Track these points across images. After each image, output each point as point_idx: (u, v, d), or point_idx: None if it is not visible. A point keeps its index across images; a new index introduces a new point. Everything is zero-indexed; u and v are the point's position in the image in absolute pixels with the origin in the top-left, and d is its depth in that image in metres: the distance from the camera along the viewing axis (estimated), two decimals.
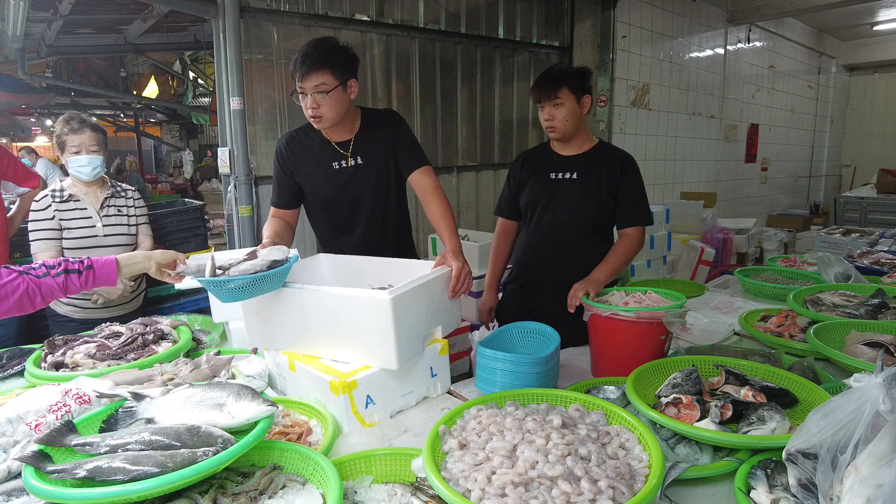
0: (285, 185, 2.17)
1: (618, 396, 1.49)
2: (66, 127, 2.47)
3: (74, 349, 1.79)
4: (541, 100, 2.16)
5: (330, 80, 1.92)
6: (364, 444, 1.40)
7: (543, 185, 2.28)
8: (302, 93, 1.96)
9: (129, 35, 6.37)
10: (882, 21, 8.66)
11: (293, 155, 2.15)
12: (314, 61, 1.90)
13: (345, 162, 2.13)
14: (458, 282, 1.72)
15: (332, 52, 1.94)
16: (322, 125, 2.02)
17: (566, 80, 2.13)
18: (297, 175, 2.16)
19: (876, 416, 0.97)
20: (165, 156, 15.91)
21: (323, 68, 1.90)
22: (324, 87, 1.92)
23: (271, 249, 1.60)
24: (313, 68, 1.90)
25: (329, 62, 1.91)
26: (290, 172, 2.16)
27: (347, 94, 2.00)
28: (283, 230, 2.08)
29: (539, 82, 2.18)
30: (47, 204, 2.48)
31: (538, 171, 2.30)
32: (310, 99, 1.94)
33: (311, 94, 1.93)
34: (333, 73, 1.92)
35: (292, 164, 2.15)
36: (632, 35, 5.77)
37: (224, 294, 1.50)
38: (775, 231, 6.21)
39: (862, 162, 10.70)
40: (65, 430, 1.11)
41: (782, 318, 2.09)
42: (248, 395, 1.17)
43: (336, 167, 2.13)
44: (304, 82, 1.92)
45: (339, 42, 2.00)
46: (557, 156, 2.29)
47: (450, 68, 4.82)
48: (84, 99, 10.30)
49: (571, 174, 2.23)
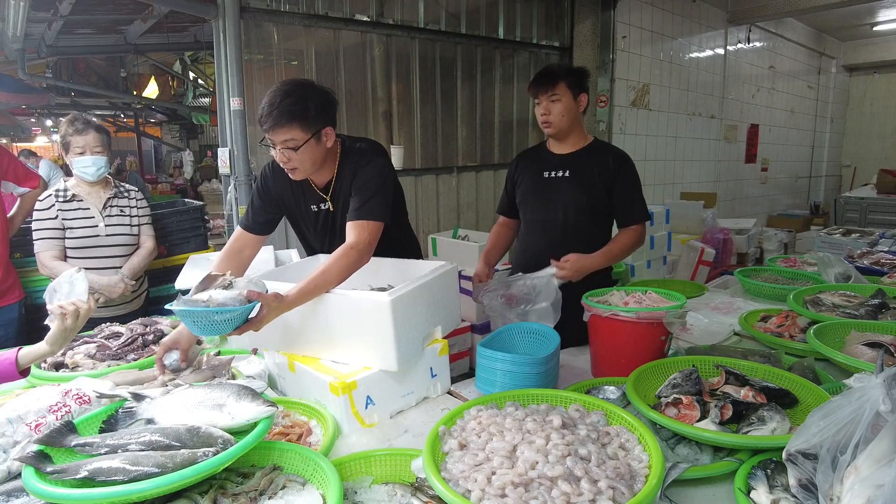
0: (261, 212, 1.98)
1: (618, 397, 1.49)
2: (71, 128, 2.48)
3: (74, 349, 1.79)
4: (538, 94, 2.18)
5: (299, 134, 1.72)
6: (364, 444, 1.40)
7: (537, 183, 2.29)
8: (271, 146, 1.77)
9: (130, 35, 6.36)
10: (882, 21, 8.66)
11: (277, 187, 2.00)
12: (280, 115, 1.69)
13: (323, 205, 1.98)
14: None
15: (301, 104, 1.71)
16: (298, 177, 1.85)
17: (563, 77, 2.16)
18: (280, 208, 2.03)
19: (876, 417, 0.97)
20: (165, 156, 15.90)
21: (291, 122, 1.70)
22: (293, 142, 1.73)
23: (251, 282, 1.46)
24: (280, 122, 1.70)
25: (298, 115, 1.70)
26: (273, 201, 2.00)
27: (323, 144, 1.80)
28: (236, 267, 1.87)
29: (537, 77, 2.20)
30: (51, 203, 2.49)
31: (532, 169, 2.32)
32: (279, 154, 1.76)
33: (280, 149, 1.75)
34: (303, 126, 1.72)
35: (275, 195, 2.00)
36: (632, 35, 5.77)
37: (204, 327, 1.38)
38: (775, 231, 6.21)
39: (862, 162, 10.70)
40: (65, 430, 1.11)
41: (782, 319, 2.08)
42: (248, 395, 1.17)
43: (314, 210, 2.00)
44: (271, 135, 1.74)
45: (312, 86, 1.78)
46: (552, 154, 2.30)
47: (450, 69, 4.82)
48: (84, 99, 10.29)
49: (564, 172, 2.24)
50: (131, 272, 2.58)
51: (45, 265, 2.47)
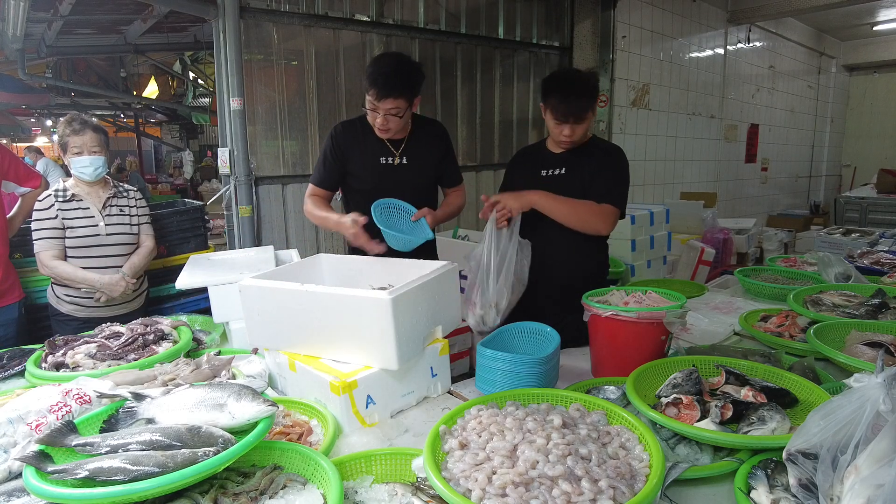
0: (332, 169, 2.26)
1: (618, 396, 1.49)
2: (68, 128, 2.48)
3: (75, 349, 1.79)
4: (567, 118, 2.07)
5: (403, 104, 2.03)
6: (364, 444, 1.40)
7: (534, 182, 2.26)
8: (374, 110, 2.05)
9: (130, 35, 6.37)
10: (882, 21, 8.67)
11: (347, 143, 2.24)
12: (393, 88, 1.98)
13: (392, 159, 2.24)
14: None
15: (410, 79, 2.03)
16: (387, 135, 2.17)
17: (594, 95, 2.11)
18: (346, 163, 2.25)
19: (876, 416, 0.97)
20: (165, 156, 15.91)
21: (401, 96, 2.01)
22: (397, 111, 2.03)
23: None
24: (391, 94, 1.99)
25: (408, 90, 2.02)
26: (340, 158, 2.24)
27: (412, 109, 2.13)
28: (329, 206, 2.25)
29: (567, 95, 2.05)
30: (50, 203, 2.49)
31: (530, 168, 2.31)
32: (381, 118, 2.05)
33: (382, 114, 2.03)
34: (408, 98, 2.03)
35: (344, 151, 2.24)
36: (632, 35, 5.77)
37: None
38: (775, 231, 6.21)
39: (862, 162, 10.71)
40: (65, 430, 1.10)
41: (782, 319, 2.08)
42: (249, 395, 1.17)
43: (383, 162, 2.24)
44: (378, 102, 2.01)
45: (414, 63, 2.08)
46: (550, 153, 2.29)
47: (450, 68, 4.82)
48: (84, 99, 10.30)
49: (560, 170, 2.24)
50: (132, 271, 2.58)
51: (46, 265, 2.47)
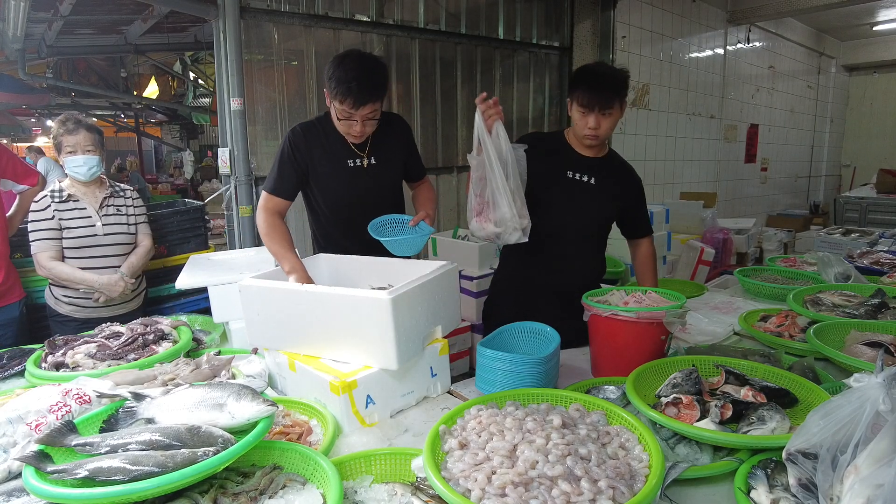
0: (291, 175, 2.11)
1: (618, 396, 1.49)
2: (62, 128, 2.48)
3: (75, 349, 1.79)
4: (592, 107, 1.98)
5: (378, 106, 1.98)
6: (364, 443, 1.40)
7: (559, 182, 2.14)
8: (349, 119, 1.96)
9: (130, 35, 6.37)
10: (882, 21, 8.67)
11: (309, 148, 2.11)
12: (370, 93, 1.91)
13: (360, 161, 2.16)
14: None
15: (383, 81, 1.97)
16: (360, 139, 2.09)
17: (623, 89, 2.01)
18: (308, 170, 2.13)
19: (876, 416, 0.97)
20: (166, 156, 15.91)
21: (378, 99, 1.95)
22: (375, 114, 1.98)
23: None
24: (370, 100, 1.92)
25: (381, 92, 1.96)
26: (302, 164, 2.11)
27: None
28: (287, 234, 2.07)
29: (596, 88, 1.97)
30: (46, 204, 2.49)
31: (555, 165, 2.15)
32: (359, 125, 1.97)
33: (360, 121, 1.96)
34: (383, 97, 1.99)
35: (306, 157, 2.11)
36: (632, 35, 5.77)
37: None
38: (775, 231, 6.20)
39: (862, 162, 10.70)
40: (65, 430, 1.10)
41: (782, 318, 2.09)
42: (249, 395, 1.17)
43: (351, 165, 2.15)
44: (355, 110, 1.93)
45: (377, 59, 2.00)
46: (577, 154, 2.16)
47: (450, 68, 4.82)
48: (84, 99, 10.30)
49: (589, 178, 2.14)
50: (130, 271, 2.58)
51: (43, 266, 2.47)
